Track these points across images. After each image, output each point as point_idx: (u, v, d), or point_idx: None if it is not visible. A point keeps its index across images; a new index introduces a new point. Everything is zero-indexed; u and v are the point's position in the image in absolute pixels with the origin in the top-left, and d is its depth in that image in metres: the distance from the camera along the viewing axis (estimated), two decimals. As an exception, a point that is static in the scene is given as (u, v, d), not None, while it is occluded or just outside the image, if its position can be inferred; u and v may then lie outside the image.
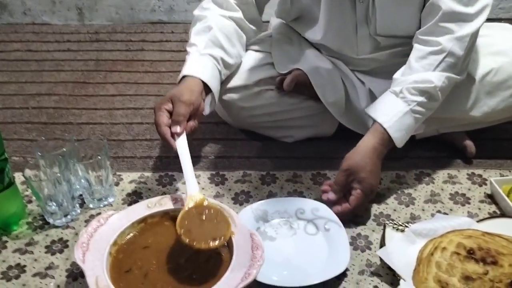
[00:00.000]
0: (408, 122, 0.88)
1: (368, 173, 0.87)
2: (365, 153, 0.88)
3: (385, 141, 0.88)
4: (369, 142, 0.89)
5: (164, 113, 0.87)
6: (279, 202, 0.92)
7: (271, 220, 0.89)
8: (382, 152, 0.89)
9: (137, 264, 0.75)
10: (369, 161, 0.87)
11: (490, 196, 0.95)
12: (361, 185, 0.87)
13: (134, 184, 1.00)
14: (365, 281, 0.78)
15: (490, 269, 0.72)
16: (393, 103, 0.89)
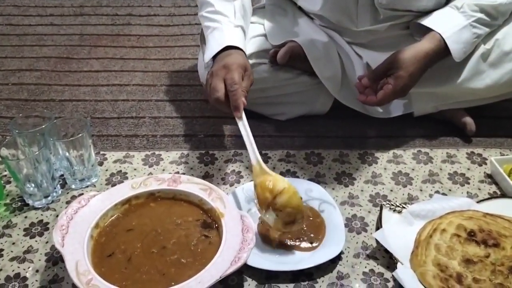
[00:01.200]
0: (466, 36, 0.88)
1: (407, 73, 0.86)
2: (417, 54, 0.86)
3: (440, 49, 0.88)
4: (424, 46, 0.88)
5: (221, 80, 0.80)
6: None
7: None
8: (432, 60, 0.88)
9: (120, 247, 0.71)
10: (416, 63, 0.86)
11: (490, 176, 0.92)
12: (395, 82, 0.86)
13: (119, 164, 0.95)
14: (360, 264, 0.75)
15: (491, 252, 0.69)
16: (452, 16, 0.89)
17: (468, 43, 0.89)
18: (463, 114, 1.02)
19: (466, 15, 0.88)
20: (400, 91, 0.87)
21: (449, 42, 0.87)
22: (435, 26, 0.89)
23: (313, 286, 0.71)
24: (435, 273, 0.67)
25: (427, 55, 0.87)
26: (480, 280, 0.65)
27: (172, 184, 0.79)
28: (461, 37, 0.88)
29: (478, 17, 0.88)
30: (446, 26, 0.88)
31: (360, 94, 0.91)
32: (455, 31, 0.87)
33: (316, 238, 0.77)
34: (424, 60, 0.87)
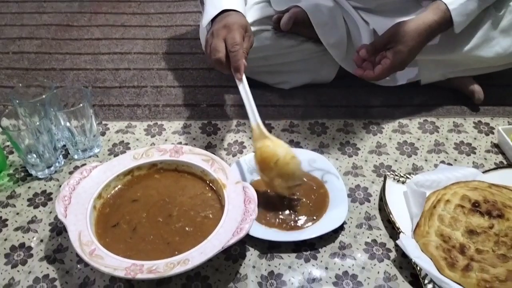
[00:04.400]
0: (472, 7, 0.84)
1: (407, 48, 0.83)
2: (418, 27, 0.83)
3: (444, 21, 0.84)
4: (428, 18, 0.84)
5: (222, 41, 0.78)
6: None
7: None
8: (433, 33, 0.85)
9: (125, 218, 0.72)
10: (417, 37, 0.83)
11: (497, 145, 0.90)
12: (394, 57, 0.84)
13: (121, 134, 0.94)
14: (363, 234, 0.75)
15: (495, 223, 0.68)
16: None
17: (471, 15, 0.85)
18: (471, 82, 1.00)
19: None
20: (398, 66, 0.85)
21: (453, 14, 0.83)
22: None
23: (315, 256, 0.71)
24: (438, 244, 0.67)
25: (429, 28, 0.83)
26: (483, 251, 0.65)
27: (174, 154, 0.78)
28: (466, 8, 0.84)
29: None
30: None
31: (358, 68, 0.88)
32: (462, 2, 0.83)
33: (319, 208, 0.77)
34: (425, 34, 0.84)
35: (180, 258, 0.63)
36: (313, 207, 0.77)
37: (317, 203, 0.78)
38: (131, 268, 0.61)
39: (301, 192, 0.79)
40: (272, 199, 0.78)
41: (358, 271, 0.69)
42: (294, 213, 0.76)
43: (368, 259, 0.71)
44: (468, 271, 0.63)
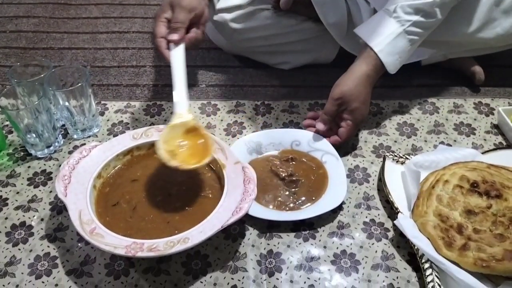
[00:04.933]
0: (401, 44, 0.80)
1: (361, 103, 0.81)
2: (359, 80, 0.81)
3: (377, 67, 0.81)
4: (362, 69, 0.81)
5: (162, 23, 0.78)
6: (273, 133, 0.86)
7: (265, 152, 0.84)
8: (374, 79, 0.83)
9: (125, 197, 0.72)
10: (362, 90, 0.81)
11: (497, 126, 0.90)
12: (352, 116, 0.82)
13: (120, 114, 0.94)
14: (361, 214, 0.75)
15: (493, 203, 0.69)
16: (385, 23, 0.80)
17: (404, 52, 0.81)
18: (472, 63, 0.99)
19: (399, 21, 0.79)
20: (360, 122, 0.83)
21: (381, 56, 0.80)
22: (367, 37, 0.81)
23: (314, 235, 0.72)
24: (436, 224, 0.68)
25: (368, 78, 0.81)
26: (481, 230, 0.66)
27: (174, 134, 0.78)
28: (395, 47, 0.80)
29: (413, 20, 0.79)
30: (379, 38, 0.80)
31: (310, 127, 0.86)
32: (389, 42, 0.79)
33: (318, 189, 0.77)
34: (368, 82, 0.81)
35: (180, 236, 0.63)
36: (312, 187, 0.78)
37: (316, 184, 0.78)
38: (132, 246, 0.61)
39: (300, 173, 0.79)
40: (271, 180, 0.79)
41: (356, 250, 0.70)
42: (293, 194, 0.77)
43: (366, 238, 0.71)
44: (465, 250, 0.64)
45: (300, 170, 0.80)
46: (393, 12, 0.80)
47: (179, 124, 0.73)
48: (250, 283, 0.65)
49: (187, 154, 0.71)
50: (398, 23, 0.80)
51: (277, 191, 0.77)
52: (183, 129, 0.73)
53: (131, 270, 0.67)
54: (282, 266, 0.68)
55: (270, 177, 0.79)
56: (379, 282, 0.66)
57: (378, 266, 0.68)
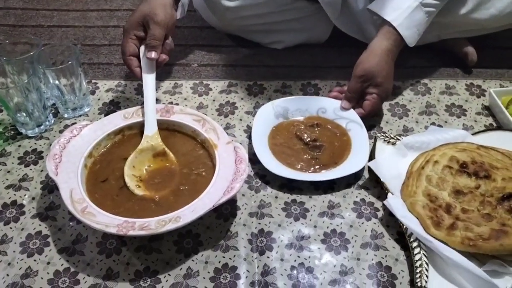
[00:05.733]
0: (419, 17, 0.83)
1: (384, 78, 0.83)
2: (381, 56, 0.83)
3: (397, 41, 0.84)
4: (382, 45, 0.83)
5: (131, 40, 0.80)
6: (301, 100, 0.89)
7: (291, 118, 0.86)
8: (395, 53, 0.85)
9: (115, 174, 0.72)
10: (385, 65, 0.83)
11: (487, 108, 0.91)
12: (377, 90, 0.84)
13: (111, 93, 0.93)
14: (352, 194, 0.76)
15: (482, 183, 0.70)
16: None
17: (421, 24, 0.83)
18: (465, 44, 0.99)
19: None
20: (386, 96, 0.85)
21: (401, 30, 0.82)
22: (384, 12, 0.83)
23: (305, 215, 0.72)
24: (425, 203, 0.69)
25: (389, 52, 0.83)
26: (469, 210, 0.67)
27: (165, 114, 0.78)
28: (413, 20, 0.82)
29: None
30: (396, 12, 0.82)
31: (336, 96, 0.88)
32: (406, 16, 0.81)
33: (340, 155, 0.80)
34: (390, 57, 0.83)
35: (171, 215, 0.64)
36: (335, 153, 0.80)
37: (339, 150, 0.81)
38: (123, 225, 0.62)
39: (324, 139, 0.82)
40: (295, 144, 0.81)
41: (346, 229, 0.71)
42: (316, 158, 0.79)
43: (356, 217, 0.72)
44: (453, 229, 0.65)
45: (324, 136, 0.83)
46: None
47: (147, 148, 0.73)
48: (241, 261, 0.66)
49: (157, 181, 0.71)
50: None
51: (300, 154, 0.80)
52: (151, 153, 0.73)
53: (123, 249, 0.67)
54: (273, 244, 0.68)
55: (294, 141, 0.82)
56: (367, 260, 0.67)
57: (367, 244, 0.69)
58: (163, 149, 0.74)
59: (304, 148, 0.81)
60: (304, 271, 0.65)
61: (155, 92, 0.79)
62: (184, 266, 0.65)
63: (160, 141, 0.75)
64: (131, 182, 0.70)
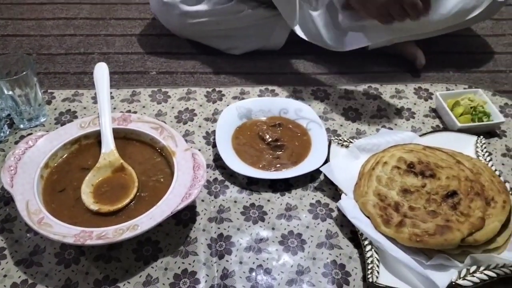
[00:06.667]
0: None
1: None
2: None
3: None
4: None
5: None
6: (263, 101, 0.92)
7: (254, 118, 0.89)
8: None
9: (73, 184, 0.72)
10: None
11: (434, 110, 0.96)
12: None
13: (68, 103, 0.92)
14: (308, 196, 0.78)
15: (427, 182, 0.74)
16: None
17: None
18: (414, 47, 1.04)
19: None
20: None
21: None
22: None
23: (263, 218, 0.74)
24: (375, 203, 0.72)
25: None
26: (415, 208, 0.70)
27: (123, 123, 0.78)
28: None
29: None
30: None
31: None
32: None
33: (300, 154, 0.83)
34: None
35: (129, 224, 0.64)
36: (296, 152, 0.83)
37: (299, 149, 0.84)
38: (80, 235, 0.62)
39: (285, 138, 0.85)
40: (258, 144, 0.84)
41: (303, 230, 0.73)
42: (277, 157, 0.82)
43: (312, 219, 0.75)
44: (401, 226, 0.68)
45: (286, 136, 0.86)
46: None
47: (104, 166, 0.74)
48: (200, 266, 0.67)
49: (113, 194, 0.71)
50: None
51: (262, 154, 0.82)
52: (110, 170, 0.74)
53: (82, 258, 0.67)
54: (232, 248, 0.70)
55: (256, 141, 0.85)
56: (323, 259, 0.69)
57: (322, 244, 0.71)
58: (121, 164, 0.74)
59: (266, 147, 0.84)
60: (263, 273, 0.67)
61: (110, 107, 0.78)
62: (143, 274, 0.66)
63: (117, 156, 0.75)
64: (88, 199, 0.69)
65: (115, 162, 0.74)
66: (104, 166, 0.74)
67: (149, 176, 0.73)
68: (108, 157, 0.74)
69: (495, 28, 1.19)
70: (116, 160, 0.74)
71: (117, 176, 0.74)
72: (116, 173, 0.74)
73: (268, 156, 0.83)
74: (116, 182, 0.73)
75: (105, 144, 0.75)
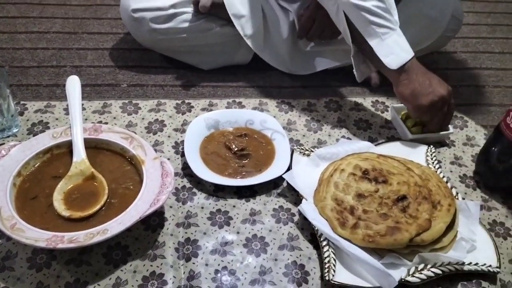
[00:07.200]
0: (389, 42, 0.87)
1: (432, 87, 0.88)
2: (398, 88, 0.90)
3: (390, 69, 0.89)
4: (391, 77, 0.91)
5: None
6: (231, 112, 0.98)
7: (222, 129, 0.94)
8: (415, 68, 0.89)
9: (45, 192, 0.74)
10: (425, 81, 0.88)
11: (389, 121, 1.03)
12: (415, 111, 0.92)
13: (40, 114, 0.95)
14: (271, 201, 0.83)
15: (380, 187, 0.80)
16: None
17: (398, 45, 0.87)
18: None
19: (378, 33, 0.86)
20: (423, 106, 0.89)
21: (386, 62, 0.87)
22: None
23: (228, 222, 0.79)
24: (333, 207, 0.78)
25: (398, 75, 0.89)
26: (369, 211, 0.76)
27: (94, 133, 0.81)
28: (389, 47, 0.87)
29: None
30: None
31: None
32: (389, 44, 0.87)
33: (265, 162, 0.89)
34: (402, 77, 0.89)
35: (99, 228, 0.67)
36: (260, 161, 0.88)
37: (264, 158, 0.89)
38: (52, 239, 0.65)
39: (251, 148, 0.90)
40: (224, 153, 0.89)
41: (266, 233, 0.78)
42: (242, 166, 0.87)
43: (275, 223, 0.80)
44: (356, 228, 0.74)
45: (251, 146, 0.91)
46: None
47: (76, 174, 0.77)
48: (168, 269, 0.71)
49: (84, 201, 0.74)
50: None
51: (228, 162, 0.87)
52: (81, 178, 0.77)
53: (53, 263, 0.70)
54: (198, 251, 0.74)
55: (223, 150, 0.90)
56: (284, 260, 0.74)
57: (284, 246, 0.76)
58: (91, 172, 0.77)
59: (233, 156, 0.89)
60: (227, 274, 0.72)
61: (81, 118, 0.81)
62: (113, 276, 0.69)
63: (88, 165, 0.77)
64: (59, 206, 0.72)
65: (86, 170, 0.77)
66: (75, 174, 0.77)
67: (119, 184, 0.77)
68: (79, 165, 0.77)
69: (448, 46, 1.28)
70: (87, 169, 0.77)
71: (88, 184, 0.77)
72: (87, 181, 0.77)
73: (234, 165, 0.87)
74: (87, 190, 0.76)
75: (76, 153, 0.78)
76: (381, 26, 0.86)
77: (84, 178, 0.77)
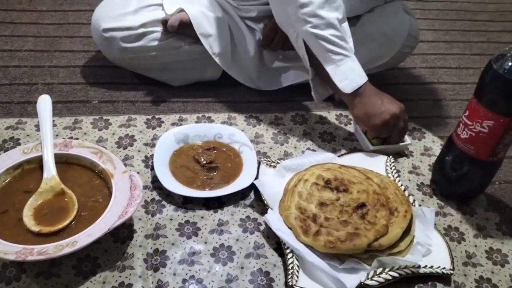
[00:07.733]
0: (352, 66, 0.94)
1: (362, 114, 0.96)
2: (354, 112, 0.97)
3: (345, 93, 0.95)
4: (347, 100, 0.97)
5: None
6: (199, 126, 1.01)
7: (191, 143, 0.97)
8: (368, 90, 0.95)
9: (15, 206, 0.76)
10: (377, 101, 0.95)
11: (352, 134, 1.08)
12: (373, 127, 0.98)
13: (11, 131, 0.96)
14: (239, 212, 0.86)
15: (341, 196, 0.84)
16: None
17: (352, 70, 0.94)
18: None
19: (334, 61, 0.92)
20: (377, 125, 0.96)
21: (341, 86, 0.94)
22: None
23: (196, 233, 0.81)
24: (296, 215, 0.81)
25: (353, 98, 0.96)
26: (330, 218, 0.80)
27: (64, 148, 0.83)
28: (345, 72, 0.93)
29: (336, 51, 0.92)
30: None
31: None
32: (344, 70, 0.93)
33: (233, 174, 0.92)
34: (357, 99, 0.95)
35: (68, 240, 0.69)
36: (228, 173, 0.92)
37: (232, 170, 0.92)
38: (22, 251, 0.66)
39: (219, 160, 0.94)
40: (193, 166, 0.92)
41: (233, 243, 0.81)
42: (211, 178, 0.90)
43: (242, 232, 0.83)
44: (318, 235, 0.78)
45: (220, 159, 0.94)
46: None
47: (46, 190, 0.78)
48: (136, 279, 0.73)
49: (54, 216, 0.75)
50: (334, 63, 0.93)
51: (197, 175, 0.90)
52: (51, 194, 0.78)
53: (23, 276, 0.71)
54: (167, 262, 0.76)
55: (192, 163, 0.93)
56: (250, 268, 0.77)
57: (250, 254, 0.79)
58: (61, 188, 0.79)
59: (201, 169, 0.92)
60: (195, 283, 0.74)
61: (52, 134, 0.83)
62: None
63: (58, 181, 0.79)
64: (29, 221, 0.73)
65: (56, 187, 0.79)
66: (45, 190, 0.78)
67: (88, 197, 0.79)
68: (50, 182, 0.79)
69: (408, 62, 1.35)
70: (57, 185, 0.79)
71: (58, 199, 0.78)
72: (57, 197, 0.78)
73: (202, 177, 0.90)
74: (57, 205, 0.77)
75: (46, 169, 0.80)
76: (336, 53, 0.92)
77: (54, 194, 0.78)
